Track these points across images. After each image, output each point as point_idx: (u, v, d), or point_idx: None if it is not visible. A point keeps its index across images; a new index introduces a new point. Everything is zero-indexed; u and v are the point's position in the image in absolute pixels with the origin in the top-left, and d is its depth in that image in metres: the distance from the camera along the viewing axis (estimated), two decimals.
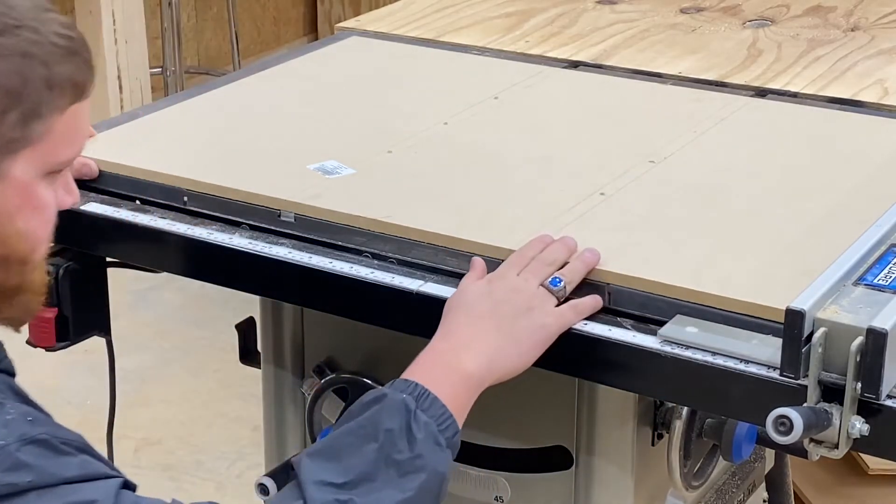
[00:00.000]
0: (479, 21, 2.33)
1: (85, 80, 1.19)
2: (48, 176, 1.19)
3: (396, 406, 1.29)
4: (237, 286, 1.68)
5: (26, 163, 1.16)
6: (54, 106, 1.16)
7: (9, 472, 1.09)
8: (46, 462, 1.11)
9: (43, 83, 1.15)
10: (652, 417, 1.67)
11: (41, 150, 1.17)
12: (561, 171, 1.73)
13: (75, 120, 1.19)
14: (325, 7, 5.79)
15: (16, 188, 1.17)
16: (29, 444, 1.11)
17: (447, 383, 1.34)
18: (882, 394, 1.27)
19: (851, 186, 1.67)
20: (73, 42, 1.18)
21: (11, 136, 1.15)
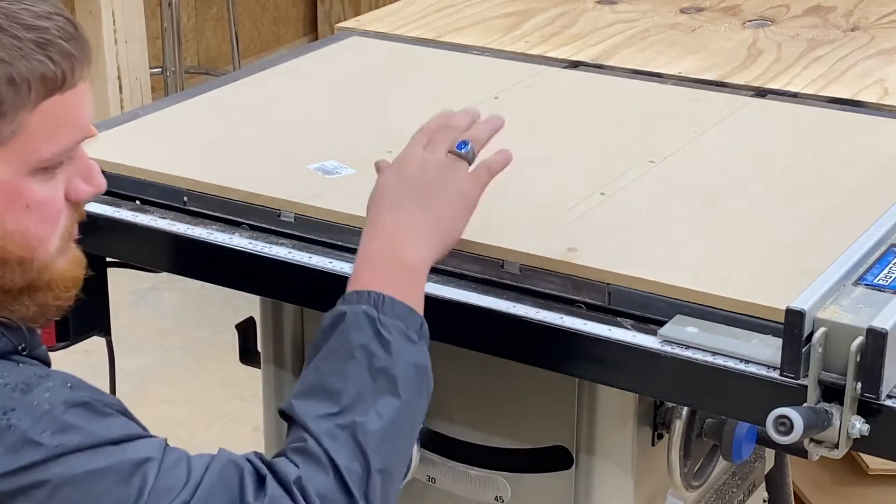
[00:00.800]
0: (479, 21, 2.33)
1: (60, 73, 1.14)
2: (40, 172, 1.16)
3: (359, 320, 1.30)
4: (237, 286, 1.68)
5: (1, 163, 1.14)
6: (20, 103, 1.12)
7: (57, 434, 1.10)
8: (91, 423, 1.12)
9: (4, 82, 1.11)
10: (652, 417, 1.67)
11: (16, 149, 1.14)
12: (561, 171, 1.73)
13: (54, 114, 1.15)
14: (325, 7, 5.79)
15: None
16: (73, 406, 1.12)
17: (395, 280, 1.34)
18: (882, 394, 1.27)
19: (851, 186, 1.67)
20: (46, 33, 1.13)
21: None
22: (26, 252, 1.18)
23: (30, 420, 1.10)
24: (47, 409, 1.11)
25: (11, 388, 1.12)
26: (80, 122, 1.19)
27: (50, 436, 1.10)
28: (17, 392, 1.12)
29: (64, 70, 1.15)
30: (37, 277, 1.20)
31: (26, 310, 1.22)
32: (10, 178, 1.15)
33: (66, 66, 1.15)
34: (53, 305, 1.24)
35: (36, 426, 1.10)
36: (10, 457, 1.09)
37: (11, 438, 1.09)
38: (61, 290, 1.23)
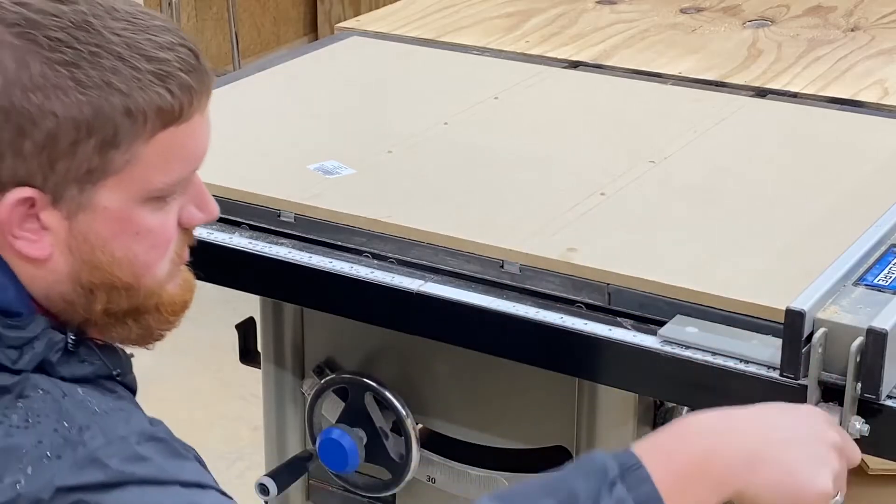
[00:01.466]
0: (479, 21, 2.33)
1: (177, 105, 1.13)
2: (152, 201, 1.16)
3: (595, 468, 1.12)
4: (237, 286, 1.68)
5: (112, 192, 1.13)
6: (136, 135, 1.12)
7: (127, 462, 1.09)
8: (165, 460, 1.11)
9: (120, 112, 1.11)
10: (652, 417, 1.67)
11: (128, 179, 1.13)
12: (561, 171, 1.73)
13: (168, 146, 1.14)
14: (325, 7, 5.79)
15: (105, 217, 1.14)
16: (149, 440, 1.11)
17: (675, 467, 1.12)
18: (882, 394, 1.27)
19: (851, 186, 1.67)
20: (166, 65, 1.13)
21: (89, 167, 1.12)
22: (133, 279, 1.18)
23: (102, 440, 1.09)
24: (122, 436, 1.10)
25: (93, 410, 1.11)
26: (194, 153, 1.18)
27: (118, 461, 1.08)
28: (97, 415, 1.11)
29: (182, 102, 1.14)
30: (143, 302, 1.20)
31: (129, 332, 1.22)
32: (121, 206, 1.14)
33: (185, 99, 1.14)
34: (158, 329, 1.24)
35: (107, 448, 1.09)
36: (74, 472, 1.07)
37: (80, 454, 1.08)
38: (168, 313, 1.23)
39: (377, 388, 1.73)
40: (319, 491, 1.89)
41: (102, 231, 1.15)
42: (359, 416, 1.75)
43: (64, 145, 1.11)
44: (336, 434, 1.74)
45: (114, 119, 1.11)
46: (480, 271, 1.52)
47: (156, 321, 1.23)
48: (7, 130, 1.10)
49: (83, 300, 1.17)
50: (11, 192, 1.11)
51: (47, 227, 1.13)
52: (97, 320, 1.19)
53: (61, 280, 1.16)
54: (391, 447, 1.74)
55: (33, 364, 1.12)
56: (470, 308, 1.47)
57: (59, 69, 1.10)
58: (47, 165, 1.11)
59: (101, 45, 1.11)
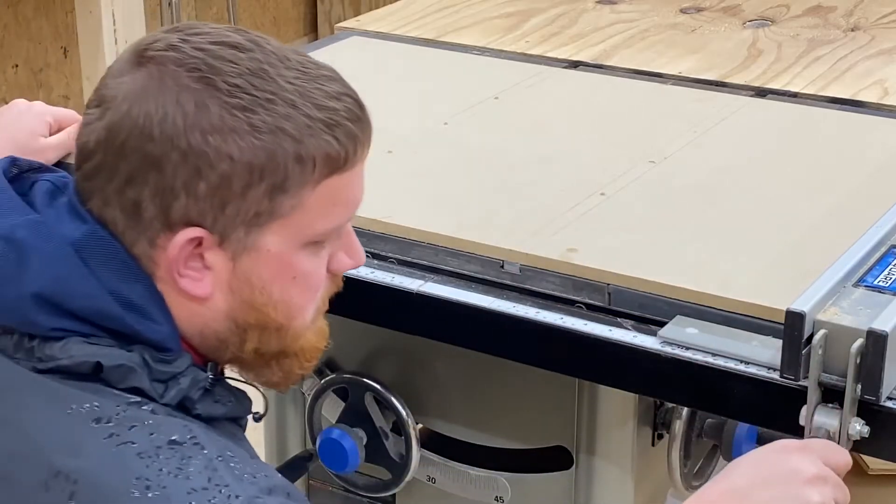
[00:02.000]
0: (479, 21, 2.33)
1: (343, 153, 1.16)
2: (310, 246, 1.18)
3: None
4: None
5: (276, 235, 1.16)
6: (304, 180, 1.15)
7: None
8: None
9: (291, 158, 1.13)
10: (652, 417, 1.67)
11: (292, 223, 1.16)
12: (561, 171, 1.73)
13: (333, 192, 1.17)
14: (325, 7, 5.79)
15: (267, 259, 1.16)
16: None
17: None
18: (882, 395, 1.27)
19: (851, 186, 1.67)
20: (335, 114, 1.16)
21: (258, 210, 1.14)
22: (286, 320, 1.20)
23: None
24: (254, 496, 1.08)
25: (240, 474, 1.10)
26: (354, 200, 1.21)
27: None
28: (243, 480, 1.10)
29: (348, 151, 1.17)
30: (289, 345, 1.22)
31: (272, 375, 1.24)
32: (284, 250, 1.17)
33: (350, 147, 1.17)
34: (297, 373, 1.26)
35: None
36: None
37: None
38: (306, 359, 1.25)
39: (377, 388, 1.73)
40: (319, 491, 1.89)
41: (264, 273, 1.17)
42: (359, 416, 1.75)
43: (237, 188, 1.13)
44: (336, 434, 1.74)
45: (285, 164, 1.14)
46: (480, 271, 1.52)
47: (296, 366, 1.25)
48: (184, 171, 1.12)
49: (236, 339, 1.20)
50: (182, 231, 1.14)
51: (211, 267, 1.16)
52: (247, 359, 1.22)
53: (218, 319, 1.18)
54: (391, 447, 1.74)
55: (177, 399, 1.14)
56: (470, 308, 1.47)
57: (236, 114, 1.12)
58: (219, 207, 1.13)
59: (276, 93, 1.14)
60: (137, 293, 1.16)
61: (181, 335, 1.19)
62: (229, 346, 1.20)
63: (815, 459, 1.20)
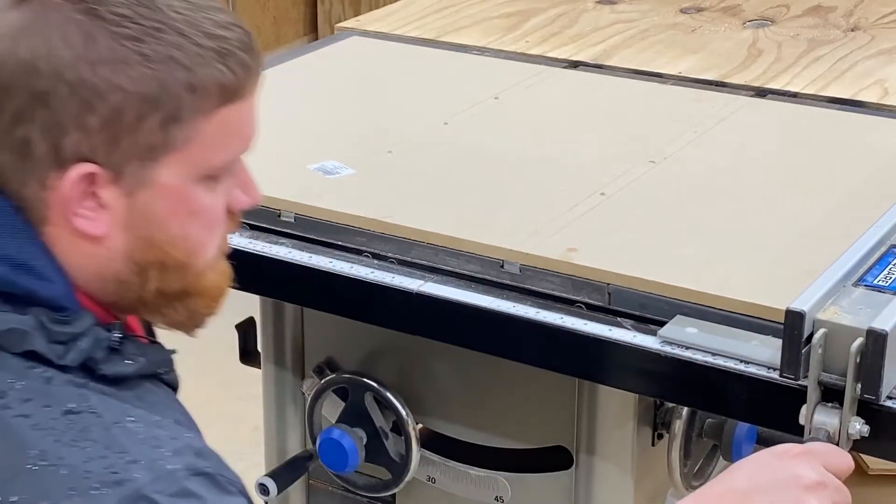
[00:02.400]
0: (479, 21, 2.33)
1: (236, 82, 1.14)
2: (206, 180, 1.16)
3: None
4: (237, 286, 1.67)
5: (173, 168, 1.14)
6: (197, 109, 1.13)
7: (176, 497, 1.07)
8: (213, 496, 1.10)
9: (183, 87, 1.11)
10: (652, 417, 1.67)
11: (188, 155, 1.14)
12: (561, 171, 1.73)
13: (227, 123, 1.15)
14: (325, 7, 5.79)
15: (165, 194, 1.14)
16: (197, 475, 1.10)
17: None
18: (882, 395, 1.27)
19: (851, 186, 1.67)
20: (226, 42, 1.14)
21: (152, 143, 1.12)
22: (186, 257, 1.18)
23: (150, 475, 1.07)
24: (170, 470, 1.08)
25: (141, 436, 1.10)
26: (248, 133, 1.19)
27: (166, 497, 1.07)
28: (144, 444, 1.10)
29: (241, 80, 1.15)
30: (192, 283, 1.20)
31: (178, 315, 1.22)
32: (181, 184, 1.15)
33: (243, 77, 1.15)
34: (202, 314, 1.24)
35: (155, 483, 1.07)
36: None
37: (127, 490, 1.06)
38: (211, 298, 1.24)
39: (377, 388, 1.73)
40: (319, 491, 1.89)
41: (160, 209, 1.15)
42: (359, 416, 1.75)
43: (129, 120, 1.11)
44: (336, 434, 1.74)
45: (178, 94, 1.12)
46: (480, 271, 1.52)
47: (201, 305, 1.23)
48: (73, 105, 1.10)
49: (136, 279, 1.17)
50: (74, 167, 1.11)
51: (106, 205, 1.13)
52: (149, 300, 1.19)
53: (116, 258, 1.16)
54: (391, 447, 1.74)
55: (78, 360, 1.12)
56: (470, 308, 1.47)
57: (125, 44, 1.10)
58: (111, 141, 1.11)
59: (164, 22, 1.12)
60: (28, 251, 1.13)
61: (81, 285, 1.16)
62: (130, 287, 1.17)
63: (815, 464, 1.20)
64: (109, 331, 1.15)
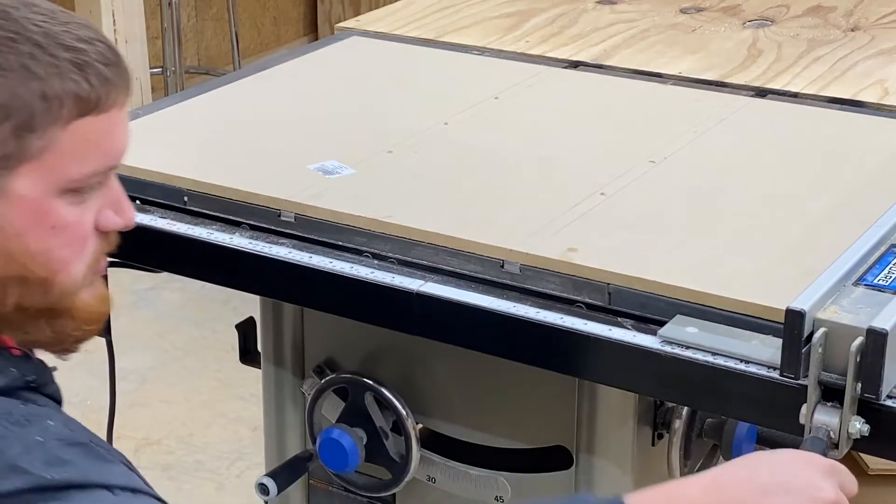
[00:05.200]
0: (479, 21, 2.33)
1: (94, 95, 1.14)
2: (69, 194, 1.16)
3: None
4: (237, 286, 1.68)
5: (28, 179, 1.13)
6: (51, 119, 1.12)
7: (48, 467, 1.07)
8: (88, 463, 1.09)
9: (37, 96, 1.12)
10: (652, 417, 1.67)
11: (44, 166, 1.13)
12: (561, 171, 1.73)
13: (85, 135, 1.15)
14: (325, 7, 5.79)
15: (21, 206, 1.14)
16: (70, 445, 1.10)
17: None
18: (882, 394, 1.27)
19: (851, 186, 1.67)
20: (84, 55, 1.14)
21: (5, 152, 1.12)
22: (47, 273, 1.17)
23: (20, 448, 1.07)
24: (41, 441, 1.08)
25: (10, 420, 1.10)
26: (112, 147, 1.18)
27: (40, 465, 1.07)
28: (13, 424, 1.09)
29: (99, 93, 1.15)
30: (57, 302, 1.19)
31: (42, 334, 1.20)
32: (38, 196, 1.14)
33: (102, 90, 1.15)
34: (72, 335, 1.22)
35: (26, 455, 1.07)
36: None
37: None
38: (83, 321, 1.22)
39: (377, 388, 1.73)
40: (319, 491, 1.89)
41: (17, 221, 1.14)
42: (359, 416, 1.75)
43: None
44: (336, 434, 1.74)
45: (30, 103, 1.11)
46: (481, 271, 1.52)
47: (69, 327, 1.21)
48: None
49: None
50: None
51: None
52: (9, 316, 1.18)
53: None
54: (391, 447, 1.74)
55: None
56: (470, 308, 1.47)
57: None
58: None
59: (20, 33, 1.12)
60: None
61: None
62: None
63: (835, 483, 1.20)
64: None
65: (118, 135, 1.19)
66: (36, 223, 1.15)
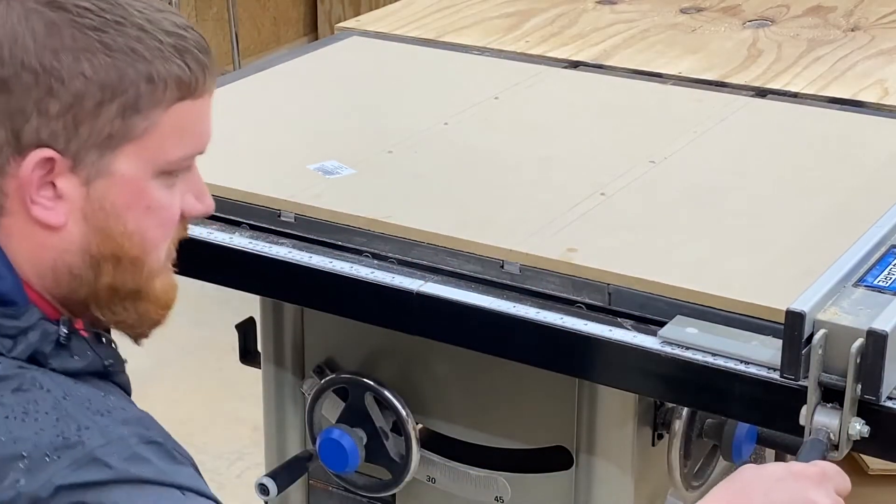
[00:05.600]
0: (479, 21, 2.33)
1: (193, 79, 1.18)
2: (163, 176, 1.19)
3: None
4: (237, 286, 1.68)
5: (131, 159, 1.16)
6: (155, 101, 1.16)
7: (127, 462, 1.10)
8: (164, 463, 1.12)
9: (143, 78, 1.15)
10: (652, 417, 1.67)
11: (146, 147, 1.16)
12: (561, 171, 1.73)
13: (183, 118, 1.18)
14: (325, 7, 5.79)
15: (122, 185, 1.17)
16: (147, 443, 1.12)
17: None
18: (882, 395, 1.27)
19: (851, 186, 1.67)
20: (184, 41, 1.18)
21: (110, 131, 1.15)
22: (141, 252, 1.20)
23: (102, 440, 1.10)
24: (121, 436, 1.11)
25: (91, 409, 1.12)
26: (203, 132, 1.22)
27: (118, 460, 1.09)
28: (95, 413, 1.12)
29: (197, 77, 1.18)
30: (144, 283, 1.22)
31: (128, 315, 1.23)
32: (138, 176, 1.17)
33: (199, 74, 1.19)
34: (152, 318, 1.25)
35: (107, 447, 1.09)
36: (74, 470, 1.08)
37: (79, 453, 1.08)
38: (160, 305, 1.25)
39: (377, 388, 1.73)
40: (319, 491, 1.89)
41: (117, 200, 1.17)
42: (359, 416, 1.75)
43: (89, 107, 1.14)
44: (336, 434, 1.74)
45: (137, 84, 1.15)
46: (480, 271, 1.52)
47: (151, 310, 1.24)
48: (35, 91, 1.13)
49: (91, 273, 1.19)
50: (33, 152, 1.14)
51: (63, 195, 1.16)
52: (101, 296, 1.20)
53: (71, 250, 1.18)
54: (391, 447, 1.74)
55: (27, 353, 1.14)
56: (470, 308, 1.47)
57: (87, 33, 1.14)
58: (71, 127, 1.14)
59: (125, 17, 1.16)
60: None
61: (33, 279, 1.18)
62: (83, 281, 1.19)
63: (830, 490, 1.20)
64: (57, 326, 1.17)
65: (208, 121, 1.23)
66: (134, 203, 1.18)
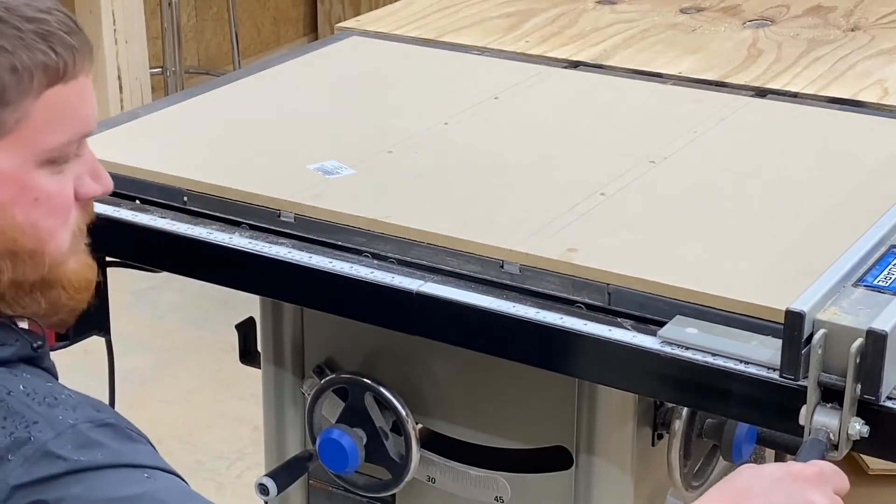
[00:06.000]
0: (479, 21, 2.33)
1: (61, 63, 1.16)
2: (48, 165, 1.18)
3: None
4: (237, 286, 1.68)
5: (6, 153, 1.15)
6: (23, 91, 1.14)
7: (80, 449, 1.09)
8: (119, 444, 1.11)
9: (7, 70, 1.13)
10: (652, 417, 1.67)
11: (21, 139, 1.15)
12: (561, 171, 1.73)
13: (57, 104, 1.16)
14: (325, 7, 5.79)
15: (3, 181, 1.15)
16: (99, 426, 1.12)
17: None
18: (882, 395, 1.27)
19: (851, 186, 1.67)
20: (46, 25, 1.16)
21: None
22: (37, 244, 1.19)
23: (52, 433, 1.09)
24: (72, 424, 1.10)
25: (37, 400, 1.12)
26: (83, 114, 1.20)
27: (72, 449, 1.09)
28: (42, 405, 1.11)
29: (66, 60, 1.17)
30: (48, 273, 1.21)
31: (38, 306, 1.22)
32: (18, 169, 1.16)
33: (68, 57, 1.17)
34: (66, 305, 1.24)
35: (58, 439, 1.09)
36: (27, 468, 1.08)
37: (30, 450, 1.08)
38: (74, 290, 1.24)
39: (377, 388, 1.73)
40: (319, 491, 1.89)
41: (1, 196, 1.16)
42: (359, 416, 1.75)
43: None
44: (336, 434, 1.74)
45: (1, 76, 1.13)
46: (480, 271, 1.52)
47: (63, 297, 1.23)
48: None
49: None
50: None
51: None
52: (5, 292, 1.19)
53: None
54: (391, 447, 1.74)
55: None
56: (470, 308, 1.47)
57: None
58: None
59: None
60: None
61: None
62: None
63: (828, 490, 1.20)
64: None
65: (88, 102, 1.21)
66: (19, 196, 1.17)
